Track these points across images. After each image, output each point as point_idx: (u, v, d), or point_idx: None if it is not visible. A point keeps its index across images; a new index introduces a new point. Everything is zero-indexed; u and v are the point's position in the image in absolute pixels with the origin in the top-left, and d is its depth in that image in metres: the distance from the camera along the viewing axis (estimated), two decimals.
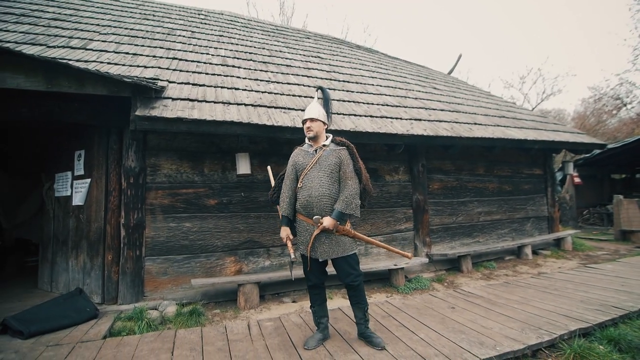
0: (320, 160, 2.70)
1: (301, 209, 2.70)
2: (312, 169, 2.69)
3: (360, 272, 2.73)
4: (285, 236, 2.72)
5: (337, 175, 2.69)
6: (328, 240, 2.64)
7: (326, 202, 2.63)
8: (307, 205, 2.65)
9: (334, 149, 2.75)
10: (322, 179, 2.65)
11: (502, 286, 4.39)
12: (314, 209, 2.62)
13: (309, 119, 2.75)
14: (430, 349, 2.61)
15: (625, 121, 20.30)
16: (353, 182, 2.67)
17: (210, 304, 3.96)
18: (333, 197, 2.65)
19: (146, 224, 3.88)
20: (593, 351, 2.61)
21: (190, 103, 3.80)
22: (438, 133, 4.88)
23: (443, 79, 9.28)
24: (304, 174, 2.70)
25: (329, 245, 2.64)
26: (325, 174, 2.66)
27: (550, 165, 7.27)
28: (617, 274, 4.74)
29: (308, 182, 2.67)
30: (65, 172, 4.36)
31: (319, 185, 2.64)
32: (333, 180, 2.67)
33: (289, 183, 2.79)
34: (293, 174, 2.79)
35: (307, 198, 2.64)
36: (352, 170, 2.72)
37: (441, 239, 5.65)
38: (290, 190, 2.77)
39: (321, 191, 2.62)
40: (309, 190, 2.64)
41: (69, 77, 3.27)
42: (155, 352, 2.68)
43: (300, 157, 2.80)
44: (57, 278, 4.28)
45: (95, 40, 4.99)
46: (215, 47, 6.24)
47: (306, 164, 2.73)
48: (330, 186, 2.65)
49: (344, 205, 2.59)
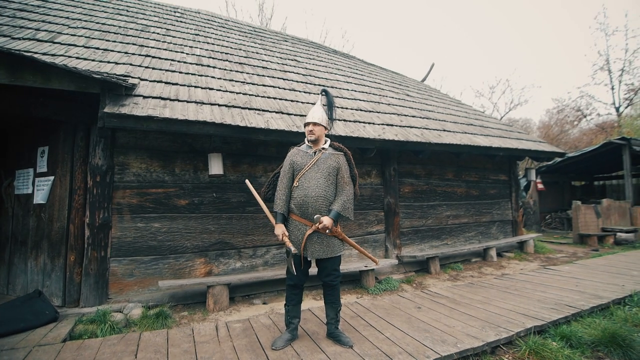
0: (318, 162, 2.78)
1: (295, 208, 2.75)
2: (310, 170, 2.76)
3: (340, 273, 2.84)
4: (281, 233, 2.74)
5: (334, 178, 2.78)
6: (319, 240, 2.71)
7: (321, 203, 2.70)
8: (303, 204, 2.71)
9: (333, 153, 2.85)
10: (319, 181, 2.72)
11: (467, 287, 4.57)
12: (309, 208, 2.69)
13: (312, 123, 2.82)
14: (395, 347, 2.70)
15: (585, 131, 21.60)
16: (349, 187, 2.81)
17: (178, 306, 3.89)
18: (328, 199, 2.73)
19: (112, 224, 3.77)
20: (547, 347, 2.76)
21: (162, 102, 3.74)
22: (409, 138, 5.04)
23: (416, 86, 9.56)
24: (302, 174, 2.76)
25: (320, 245, 2.72)
26: (323, 176, 2.74)
27: (514, 171, 7.64)
28: (572, 275, 5.03)
29: (305, 182, 2.73)
30: (27, 168, 4.18)
31: (315, 186, 2.70)
32: (329, 182, 2.75)
33: (285, 181, 2.82)
34: (290, 173, 2.82)
35: (304, 197, 2.70)
36: (349, 176, 2.86)
37: (411, 241, 5.80)
38: (287, 188, 2.80)
39: (318, 192, 2.70)
40: (306, 190, 2.70)
41: (35, 70, 3.14)
42: (117, 355, 2.61)
43: (299, 157, 2.84)
44: (15, 280, 4.07)
45: (63, 34, 4.82)
46: (190, 46, 6.16)
47: (304, 165, 2.78)
48: (327, 188, 2.73)
49: (342, 208, 2.70)
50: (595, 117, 20.85)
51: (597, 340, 2.92)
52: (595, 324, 3.19)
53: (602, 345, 2.88)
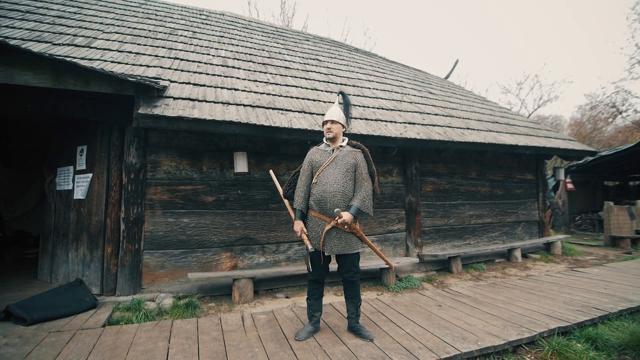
0: (336, 159, 2.86)
1: (314, 204, 2.84)
2: (328, 167, 2.84)
3: (359, 270, 2.91)
4: (299, 229, 2.85)
5: (352, 175, 2.85)
6: (338, 236, 2.79)
7: (339, 199, 2.77)
8: (321, 200, 2.79)
9: (350, 150, 2.93)
10: (337, 177, 2.80)
11: (489, 287, 4.53)
12: (328, 204, 2.76)
13: (330, 121, 2.92)
14: (415, 343, 2.74)
15: (621, 129, 20.57)
16: (368, 183, 2.87)
17: (205, 297, 4.08)
18: (346, 195, 2.80)
19: (145, 219, 4.00)
20: (571, 348, 2.73)
21: (191, 102, 3.93)
22: (431, 137, 5.02)
23: (439, 83, 9.43)
24: (320, 171, 2.85)
25: (338, 241, 2.79)
26: (341, 173, 2.81)
27: (542, 170, 7.43)
28: (602, 278, 4.87)
29: (323, 178, 2.81)
30: (68, 166, 4.47)
31: (334, 181, 2.78)
32: (347, 179, 2.82)
33: (304, 179, 2.92)
34: (309, 171, 2.92)
35: (322, 193, 2.78)
36: (367, 172, 2.90)
37: (432, 240, 5.78)
38: (306, 185, 2.90)
39: (336, 187, 2.77)
40: (324, 186, 2.79)
41: (76, 75, 3.39)
42: (152, 340, 2.80)
43: (318, 155, 2.95)
44: (57, 269, 4.38)
45: (98, 39, 5.11)
46: (215, 48, 6.37)
47: (322, 162, 2.88)
48: (345, 184, 2.80)
49: (361, 204, 2.76)
50: (632, 113, 19.76)
51: (624, 344, 2.86)
52: (624, 327, 3.12)
53: (629, 348, 2.82)
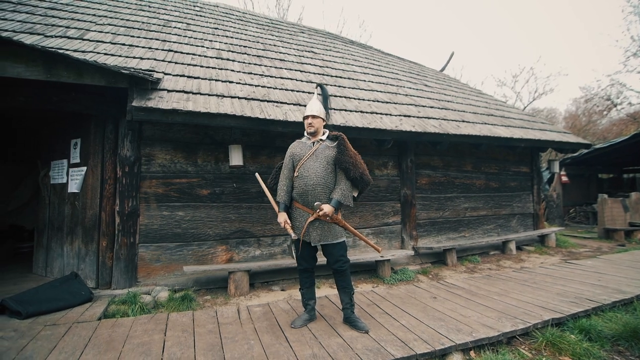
0: (316, 152, 2.90)
1: (297, 197, 2.91)
2: (308, 160, 2.88)
3: (347, 259, 2.93)
4: (283, 220, 2.90)
5: (332, 167, 2.88)
6: (321, 226, 2.85)
7: (320, 191, 2.82)
8: (303, 193, 2.85)
9: (330, 142, 2.95)
10: (317, 170, 2.84)
11: (484, 279, 4.56)
12: (309, 196, 2.82)
13: (311, 116, 2.94)
14: (410, 334, 2.76)
15: (616, 122, 20.65)
16: (352, 172, 2.85)
17: (201, 290, 4.09)
18: (327, 187, 2.85)
19: (140, 212, 3.98)
20: (564, 339, 2.77)
21: (185, 95, 3.89)
22: (426, 129, 5.02)
23: (435, 76, 9.41)
24: (301, 164, 2.88)
25: (321, 231, 2.85)
26: (321, 165, 2.85)
27: (537, 163, 7.46)
28: (595, 270, 4.92)
29: (304, 171, 2.86)
30: (62, 159, 4.43)
31: (314, 174, 2.83)
32: (327, 171, 2.86)
33: (286, 172, 2.97)
34: (290, 164, 2.97)
35: (303, 187, 2.84)
36: (347, 162, 2.86)
37: (428, 233, 5.81)
38: (288, 179, 2.95)
39: (316, 180, 2.82)
40: (305, 180, 2.84)
41: (68, 67, 3.34)
42: (149, 333, 2.81)
43: (298, 148, 2.99)
44: (52, 263, 4.37)
45: (91, 31, 5.03)
46: (210, 40, 6.30)
47: (303, 155, 2.91)
48: (325, 176, 2.84)
49: (341, 196, 2.80)
50: (627, 106, 19.81)
51: (617, 335, 2.90)
52: (617, 318, 3.15)
53: (622, 339, 2.86)
